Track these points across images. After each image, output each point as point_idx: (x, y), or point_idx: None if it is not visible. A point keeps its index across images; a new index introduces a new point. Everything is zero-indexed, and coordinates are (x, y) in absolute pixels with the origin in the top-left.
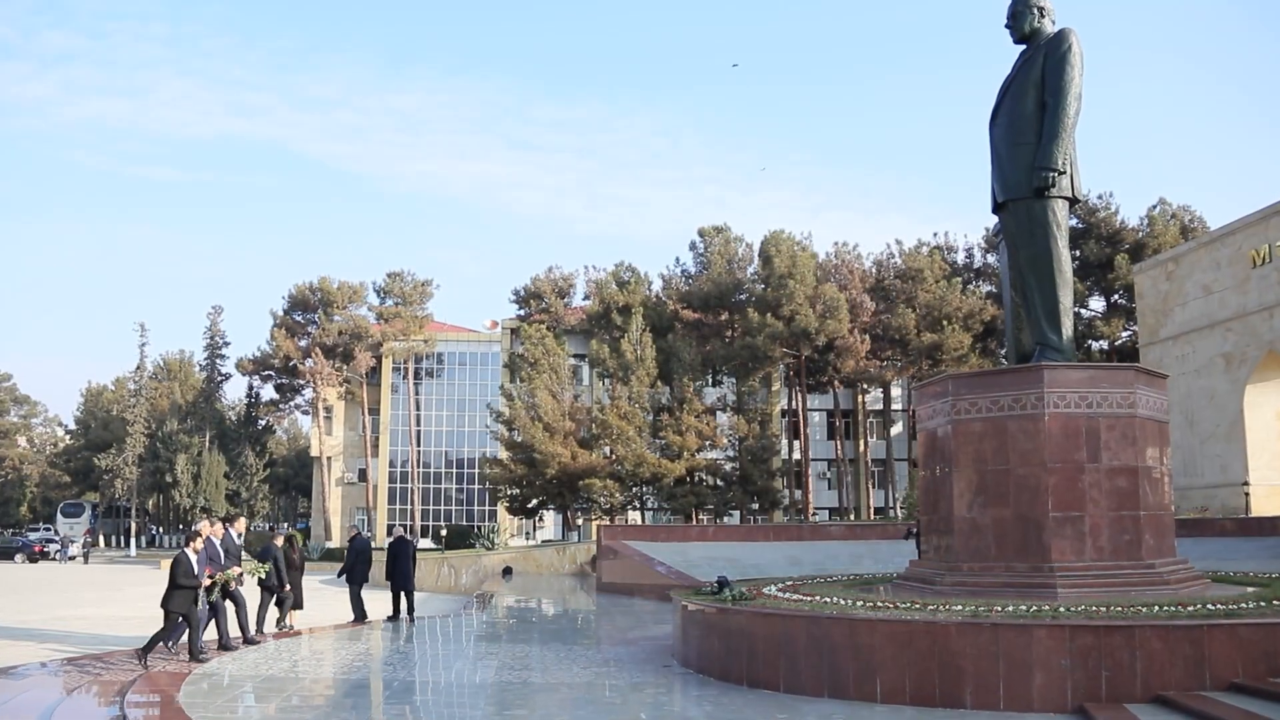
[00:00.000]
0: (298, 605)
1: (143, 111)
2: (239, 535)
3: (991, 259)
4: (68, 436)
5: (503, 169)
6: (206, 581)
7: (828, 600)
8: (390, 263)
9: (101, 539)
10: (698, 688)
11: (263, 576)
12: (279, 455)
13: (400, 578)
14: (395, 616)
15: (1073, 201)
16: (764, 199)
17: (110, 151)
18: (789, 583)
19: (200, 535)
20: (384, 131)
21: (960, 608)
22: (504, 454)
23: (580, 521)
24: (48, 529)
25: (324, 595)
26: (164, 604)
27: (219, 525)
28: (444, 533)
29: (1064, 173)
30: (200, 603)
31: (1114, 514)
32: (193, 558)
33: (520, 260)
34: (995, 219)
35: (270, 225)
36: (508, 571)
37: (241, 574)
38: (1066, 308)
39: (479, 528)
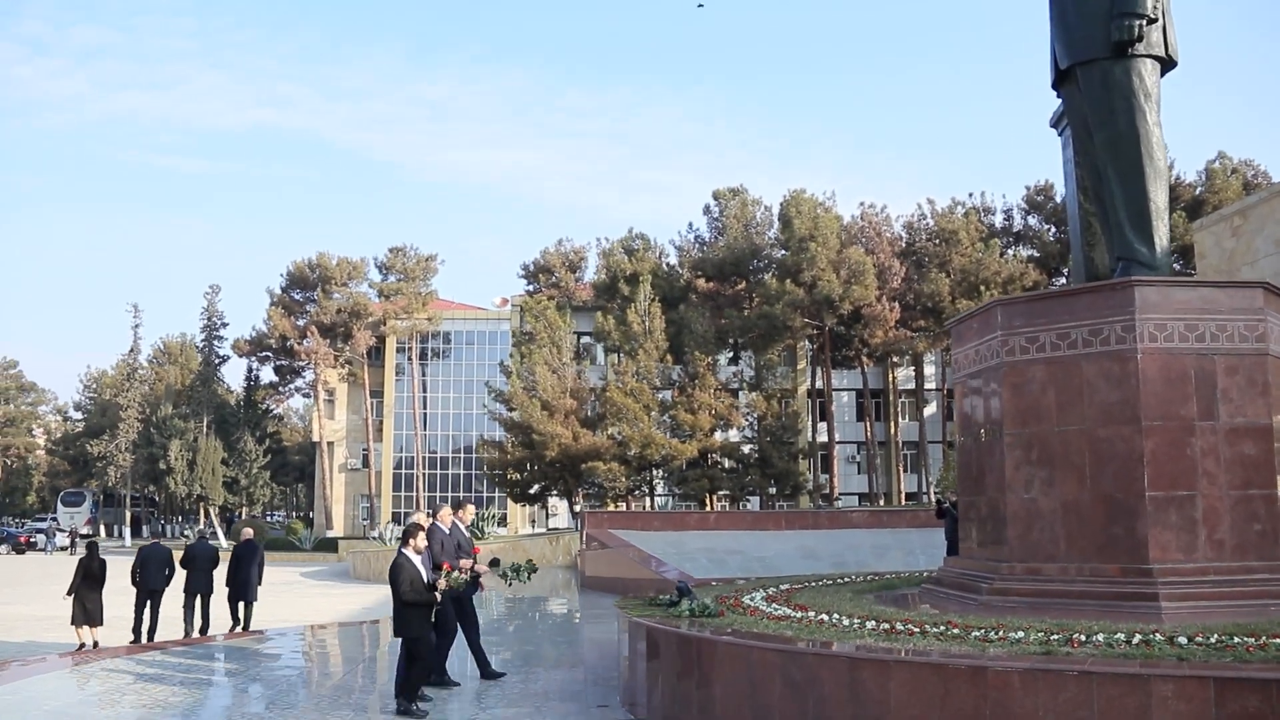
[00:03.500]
0: (92, 621)
1: (174, 105)
2: (463, 524)
3: (1034, 220)
4: (78, 424)
5: (531, 156)
6: (443, 583)
7: (825, 618)
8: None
9: (102, 528)
10: None
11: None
12: (292, 442)
13: (240, 585)
14: (234, 628)
15: (1166, 64)
16: (794, 183)
17: (142, 144)
18: (785, 587)
19: (421, 529)
20: (413, 121)
21: (1022, 635)
22: (507, 436)
23: (578, 508)
24: (54, 519)
25: (298, 590)
26: (399, 632)
27: (445, 510)
28: None
29: (1155, 20)
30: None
31: (1238, 493)
32: (415, 560)
33: (543, 243)
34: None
35: (300, 214)
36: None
37: (474, 570)
38: (1160, 208)
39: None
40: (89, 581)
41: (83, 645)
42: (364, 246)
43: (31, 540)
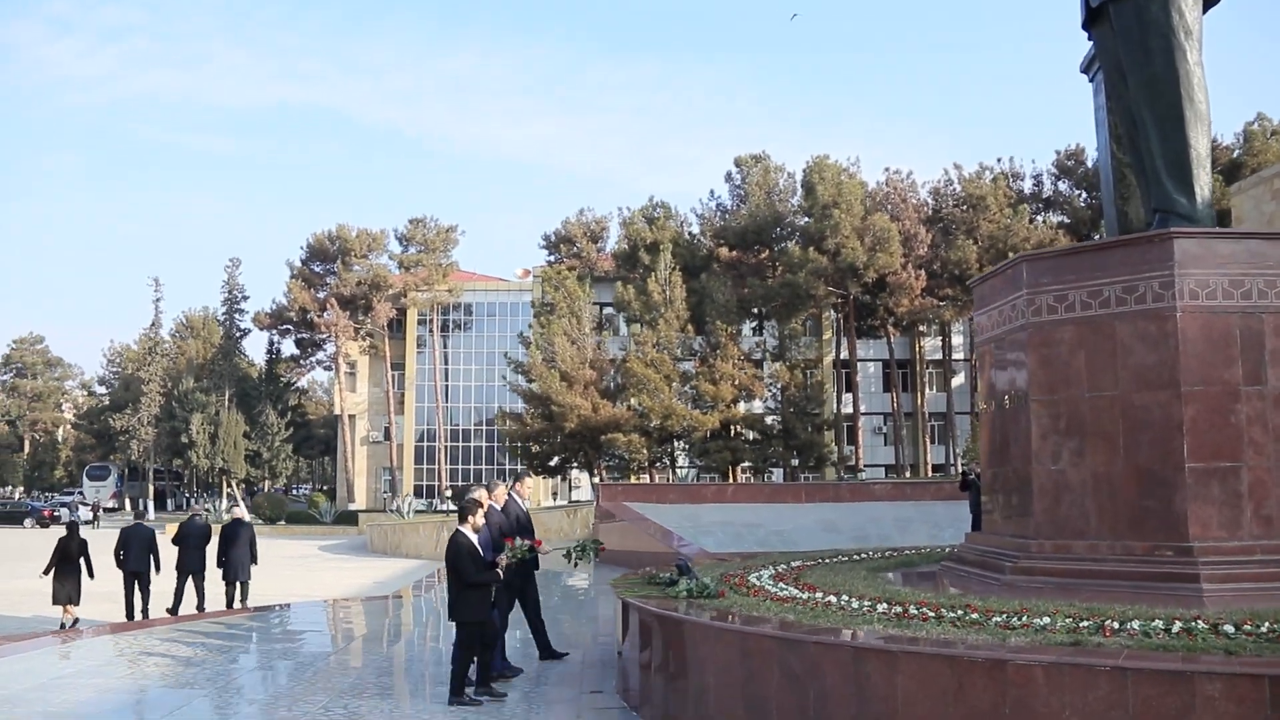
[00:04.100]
0: (70, 600)
1: (198, 82)
2: (523, 499)
3: (1064, 186)
4: (103, 399)
5: (555, 129)
6: (504, 559)
7: (832, 600)
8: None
9: (127, 502)
10: None
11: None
12: (316, 416)
13: (231, 566)
14: (230, 607)
15: (1209, 0)
16: (819, 153)
17: (165, 122)
18: (796, 564)
19: (480, 506)
20: (435, 95)
21: (1048, 622)
22: (526, 408)
23: (596, 480)
24: (80, 493)
25: (311, 563)
26: (456, 616)
27: (500, 488)
28: (449, 493)
29: None
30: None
31: None
32: (473, 538)
33: (565, 215)
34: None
35: (322, 189)
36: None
37: (533, 549)
38: (1201, 155)
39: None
40: (66, 562)
41: (76, 621)
42: (385, 220)
43: (55, 515)
